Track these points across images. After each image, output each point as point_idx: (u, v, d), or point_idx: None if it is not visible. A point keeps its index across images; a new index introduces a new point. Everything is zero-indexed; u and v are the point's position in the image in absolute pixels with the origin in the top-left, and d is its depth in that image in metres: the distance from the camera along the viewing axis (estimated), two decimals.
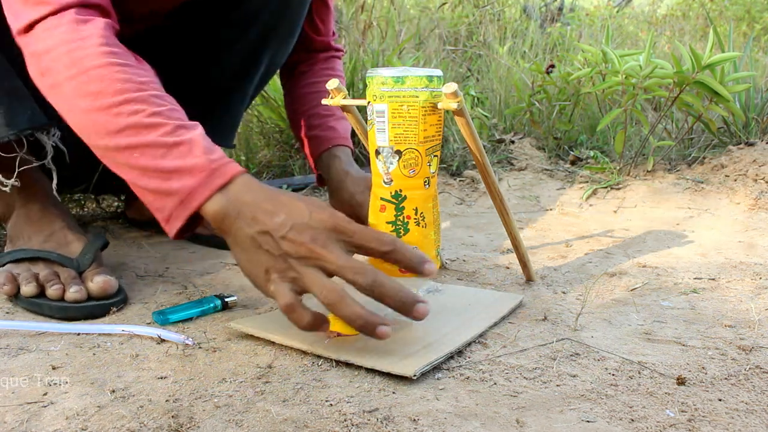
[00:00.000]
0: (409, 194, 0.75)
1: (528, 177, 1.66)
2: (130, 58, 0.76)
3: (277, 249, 0.66)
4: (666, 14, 4.31)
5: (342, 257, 0.65)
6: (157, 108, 0.71)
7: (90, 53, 0.72)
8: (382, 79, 0.74)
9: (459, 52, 2.51)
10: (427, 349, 0.71)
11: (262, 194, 0.69)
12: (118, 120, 0.70)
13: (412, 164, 0.75)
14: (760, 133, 1.67)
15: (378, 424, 0.58)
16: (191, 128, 0.72)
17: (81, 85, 0.72)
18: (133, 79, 0.72)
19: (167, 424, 0.58)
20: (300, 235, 0.65)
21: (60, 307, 0.82)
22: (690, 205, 1.41)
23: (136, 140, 0.70)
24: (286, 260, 0.66)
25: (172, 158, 0.69)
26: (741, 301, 0.90)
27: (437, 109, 0.75)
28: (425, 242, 0.77)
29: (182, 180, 0.69)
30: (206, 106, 1.15)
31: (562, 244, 1.18)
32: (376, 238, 0.67)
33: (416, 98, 0.73)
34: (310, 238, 0.65)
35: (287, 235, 0.65)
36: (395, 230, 0.76)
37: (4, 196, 0.92)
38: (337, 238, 0.66)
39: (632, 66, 1.49)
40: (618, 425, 0.59)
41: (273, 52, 1.13)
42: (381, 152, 0.75)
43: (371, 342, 0.72)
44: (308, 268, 0.65)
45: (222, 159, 0.70)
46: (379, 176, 0.76)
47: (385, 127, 0.74)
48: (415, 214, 0.76)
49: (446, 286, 0.93)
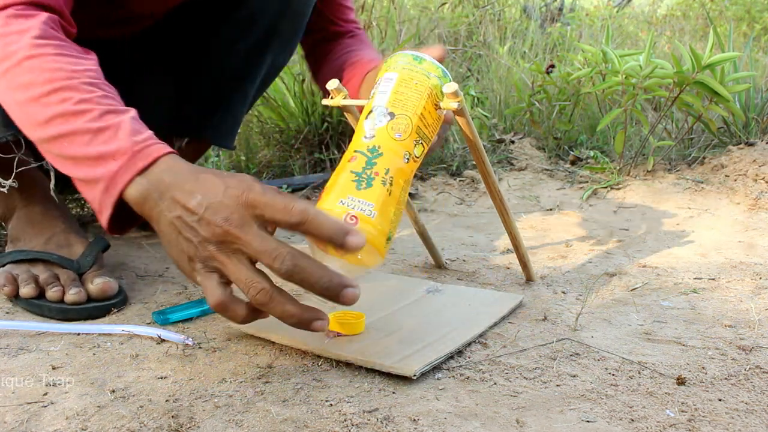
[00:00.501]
0: (386, 154, 0.69)
1: (528, 177, 1.66)
2: (69, 48, 0.73)
3: (195, 234, 0.62)
4: (666, 14, 4.31)
5: (257, 239, 0.60)
6: (86, 95, 0.68)
7: (23, 45, 0.70)
8: (402, 55, 0.75)
9: (459, 52, 2.51)
10: (427, 348, 0.71)
11: (183, 175, 0.64)
12: (46, 110, 0.68)
13: (400, 129, 0.71)
14: (760, 133, 1.67)
15: (378, 424, 0.58)
16: (121, 113, 0.68)
17: (14, 78, 0.70)
18: (65, 68, 0.70)
19: (167, 424, 0.58)
20: (215, 215, 0.61)
21: (60, 308, 0.82)
22: (690, 205, 1.41)
23: (64, 128, 0.67)
24: (206, 247, 0.61)
25: (98, 144, 0.66)
26: (741, 301, 0.90)
27: (439, 108, 0.75)
28: (383, 209, 0.67)
29: (107, 165, 0.65)
30: (207, 106, 1.15)
31: (562, 244, 1.18)
32: (283, 208, 0.60)
33: (427, 78, 0.73)
34: (223, 218, 0.60)
35: (204, 216, 0.61)
36: (357, 180, 0.67)
37: (5, 197, 0.92)
38: (252, 213, 0.61)
39: (632, 66, 1.49)
40: (618, 425, 0.59)
41: (275, 54, 1.12)
42: (374, 111, 0.72)
43: (371, 342, 0.72)
44: (230, 256, 0.61)
45: (147, 141, 0.66)
46: (362, 132, 0.71)
47: (388, 90, 0.73)
48: (384, 174, 0.68)
49: (446, 286, 0.93)
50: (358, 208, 0.65)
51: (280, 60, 1.14)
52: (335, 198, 0.66)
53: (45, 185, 0.95)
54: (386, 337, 0.74)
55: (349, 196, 0.66)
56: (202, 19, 1.08)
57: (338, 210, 0.65)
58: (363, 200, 0.66)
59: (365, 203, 0.66)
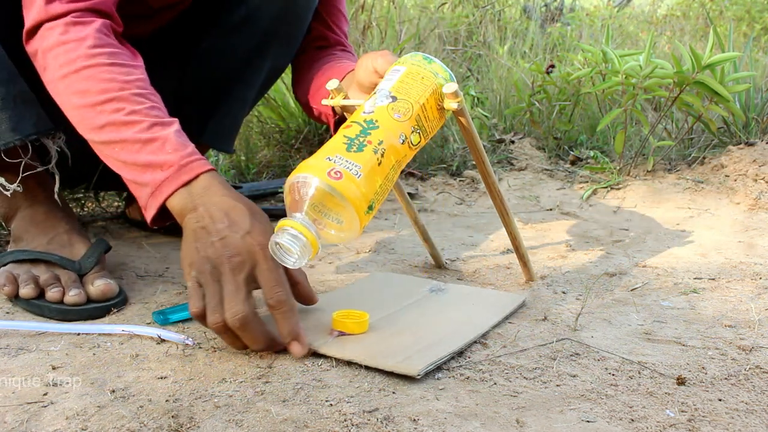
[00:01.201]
0: (382, 128, 0.70)
1: (528, 177, 1.67)
2: (121, 56, 0.80)
3: (204, 250, 0.71)
4: (666, 14, 4.31)
5: (233, 286, 0.70)
6: (136, 106, 0.77)
7: (81, 54, 0.78)
8: (414, 54, 0.77)
9: (459, 52, 2.51)
10: (430, 348, 0.71)
11: (218, 197, 0.74)
12: (100, 117, 0.77)
13: (400, 111, 0.72)
14: (760, 133, 1.67)
15: (378, 424, 0.58)
16: (167, 125, 0.77)
17: (72, 84, 0.78)
18: (117, 78, 0.78)
19: (167, 424, 0.58)
20: (224, 248, 0.71)
21: (60, 309, 0.82)
22: (690, 205, 1.41)
23: (116, 136, 0.76)
24: (204, 264, 0.71)
25: (146, 153, 0.75)
26: (741, 301, 0.90)
27: (443, 108, 0.76)
28: (370, 176, 0.68)
29: (154, 174, 0.75)
30: (205, 110, 1.15)
31: (562, 244, 1.18)
32: (271, 287, 0.71)
33: (435, 77, 0.75)
34: (228, 255, 0.70)
35: (215, 243, 0.71)
36: (348, 143, 0.69)
37: (9, 197, 0.92)
38: (250, 266, 0.71)
39: (632, 66, 1.49)
40: (618, 425, 0.59)
41: (274, 58, 1.11)
42: (377, 93, 0.73)
43: (375, 341, 0.73)
44: (214, 281, 0.71)
45: (191, 155, 0.75)
46: (361, 108, 0.73)
47: (394, 78, 0.75)
48: (377, 144, 0.69)
49: (449, 286, 0.93)
50: (345, 166, 0.67)
51: (279, 64, 1.13)
52: (323, 154, 0.68)
53: (49, 186, 0.95)
54: (390, 337, 0.74)
55: (337, 154, 0.68)
56: (202, 22, 1.08)
57: (323, 165, 0.66)
58: (351, 161, 0.67)
59: (353, 163, 0.67)
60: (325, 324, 0.76)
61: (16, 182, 0.88)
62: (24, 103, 0.87)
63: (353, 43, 2.04)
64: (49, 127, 0.88)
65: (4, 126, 0.85)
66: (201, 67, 1.12)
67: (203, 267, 0.71)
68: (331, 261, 1.09)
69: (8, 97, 0.85)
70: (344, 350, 0.70)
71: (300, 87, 1.11)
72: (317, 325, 0.76)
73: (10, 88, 0.86)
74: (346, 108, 0.89)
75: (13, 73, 0.87)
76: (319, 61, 1.09)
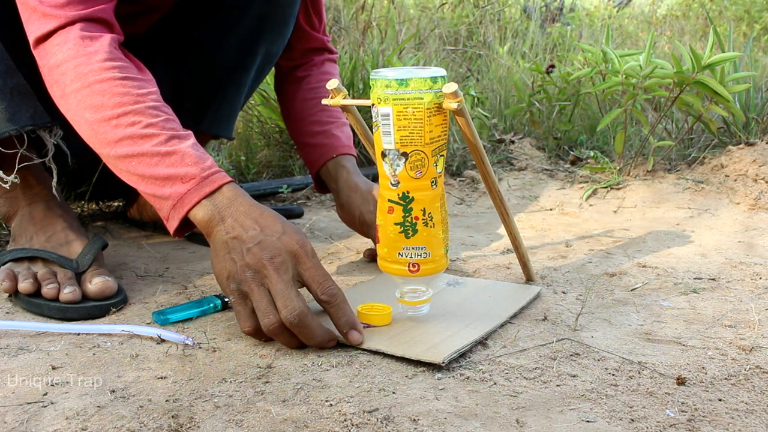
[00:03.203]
0: (417, 195, 0.75)
1: (528, 177, 1.67)
2: (132, 70, 0.80)
3: (241, 258, 0.72)
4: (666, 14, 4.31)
5: (282, 283, 0.70)
6: (152, 120, 0.77)
7: (93, 68, 0.78)
8: (386, 81, 0.73)
9: (459, 52, 2.51)
10: (453, 338, 0.74)
11: (245, 207, 0.75)
12: (117, 131, 0.77)
13: (418, 166, 0.75)
14: (760, 133, 1.67)
15: (378, 424, 0.58)
16: (184, 138, 0.78)
17: (85, 98, 0.78)
18: (132, 92, 0.78)
19: (167, 424, 0.58)
20: (262, 251, 0.71)
21: (59, 307, 0.82)
22: (690, 205, 1.41)
23: (133, 150, 0.76)
24: (245, 272, 0.72)
25: (165, 167, 0.76)
26: (741, 301, 0.90)
27: (442, 109, 0.75)
28: (434, 241, 0.77)
29: (174, 186, 0.76)
30: (204, 97, 1.17)
31: (562, 244, 1.18)
32: (321, 283, 0.72)
33: (421, 100, 0.72)
34: (269, 256, 0.71)
35: (252, 249, 0.72)
36: (403, 231, 0.76)
37: (9, 197, 0.93)
38: (293, 263, 0.72)
39: (632, 66, 1.49)
40: (618, 425, 0.59)
41: (268, 43, 1.13)
42: (387, 155, 0.75)
43: (399, 332, 0.76)
44: (258, 286, 0.71)
45: (212, 168, 0.76)
46: (386, 178, 0.77)
47: (390, 129, 0.74)
48: (423, 215, 0.76)
49: (466, 279, 0.96)
50: (415, 255, 0.77)
51: (273, 49, 1.15)
52: (393, 251, 0.77)
53: (48, 184, 0.95)
54: (413, 328, 0.77)
55: (403, 246, 0.76)
56: (198, 11, 1.09)
57: (402, 261, 0.77)
58: (415, 246, 0.76)
59: (418, 248, 0.76)
60: None
61: (12, 174, 0.88)
62: (21, 95, 0.87)
63: (353, 43, 2.04)
64: (46, 120, 0.88)
65: (1, 116, 0.85)
66: (197, 56, 1.13)
67: (244, 275, 0.71)
68: (331, 261, 1.09)
69: (5, 89, 0.86)
70: (371, 341, 0.73)
71: (289, 124, 1.21)
72: None
73: (7, 80, 0.86)
74: (346, 108, 0.89)
75: (10, 66, 0.87)
76: (300, 94, 1.19)
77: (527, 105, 1.89)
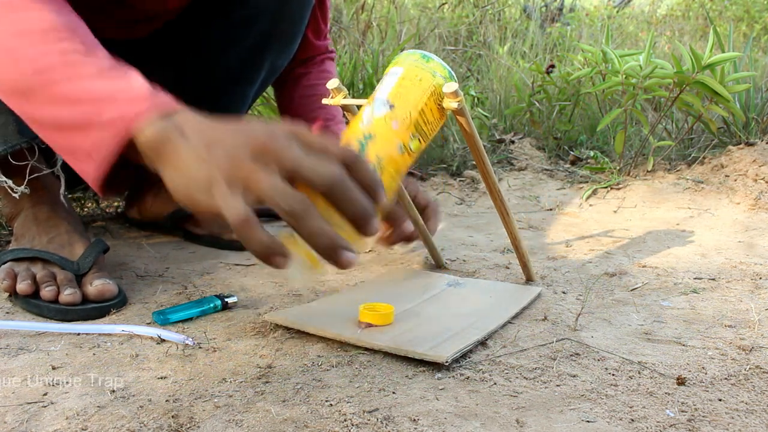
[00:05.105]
0: (379, 141, 0.70)
1: (528, 177, 1.66)
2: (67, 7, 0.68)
3: (225, 153, 0.53)
4: (666, 14, 4.31)
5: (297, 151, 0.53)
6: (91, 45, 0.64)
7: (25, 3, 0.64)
8: (411, 53, 0.77)
9: (459, 52, 2.51)
10: (455, 337, 0.74)
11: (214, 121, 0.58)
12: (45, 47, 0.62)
13: (398, 119, 0.72)
14: (760, 133, 1.67)
15: (378, 424, 0.58)
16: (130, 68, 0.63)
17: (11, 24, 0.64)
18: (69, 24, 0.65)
19: (167, 424, 0.58)
20: (255, 131, 0.55)
21: (59, 309, 0.82)
22: (690, 205, 1.41)
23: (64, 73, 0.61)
24: (234, 160, 0.53)
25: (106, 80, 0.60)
26: (741, 301, 0.90)
27: (443, 108, 0.75)
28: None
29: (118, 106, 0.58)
30: (206, 107, 1.15)
31: (562, 244, 1.18)
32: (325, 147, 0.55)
33: (433, 77, 0.74)
34: (266, 134, 0.54)
35: (237, 133, 0.55)
36: None
37: (14, 198, 0.93)
38: (294, 137, 0.55)
39: (632, 66, 1.49)
40: (618, 425, 0.59)
41: (274, 56, 1.12)
42: (375, 101, 0.73)
43: (402, 332, 0.75)
44: (262, 167, 0.52)
45: (166, 95, 0.61)
46: (359, 119, 0.72)
47: (391, 83, 0.74)
48: (376, 162, 0.69)
49: (467, 280, 0.96)
50: None
51: (278, 62, 1.14)
52: None
53: (54, 187, 0.96)
54: (415, 328, 0.77)
55: None
56: (202, 21, 1.09)
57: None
58: None
59: None
60: (352, 317, 0.78)
61: (23, 185, 0.88)
62: None
63: (353, 43, 2.04)
64: None
65: (11, 128, 0.85)
66: (202, 65, 1.12)
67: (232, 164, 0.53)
68: None
69: None
70: (374, 341, 0.73)
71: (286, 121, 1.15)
72: (345, 317, 0.79)
73: None
74: (346, 107, 0.89)
75: None
76: (298, 91, 1.15)
77: (527, 105, 1.89)
